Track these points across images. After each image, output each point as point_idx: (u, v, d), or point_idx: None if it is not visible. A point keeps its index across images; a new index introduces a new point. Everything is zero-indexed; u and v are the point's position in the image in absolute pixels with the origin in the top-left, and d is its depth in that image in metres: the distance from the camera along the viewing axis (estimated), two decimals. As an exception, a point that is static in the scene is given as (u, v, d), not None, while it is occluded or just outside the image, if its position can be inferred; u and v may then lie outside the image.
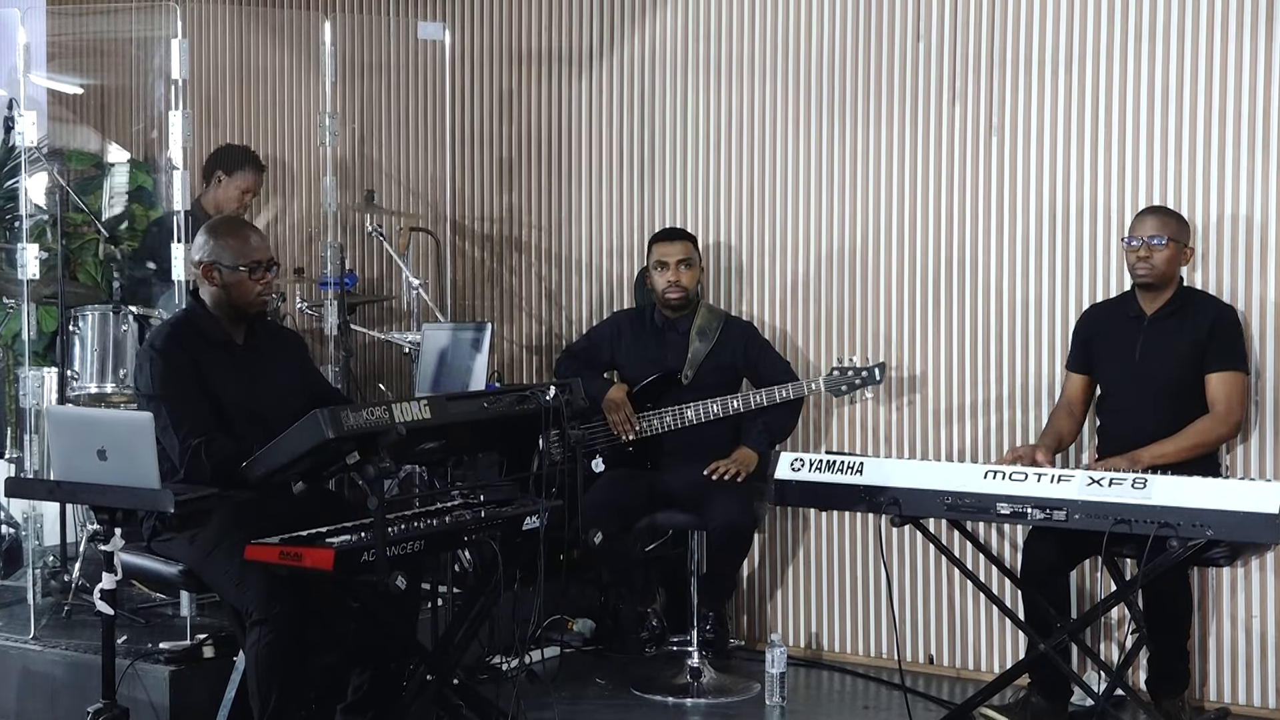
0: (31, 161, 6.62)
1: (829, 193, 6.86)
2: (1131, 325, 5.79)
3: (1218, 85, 6.05)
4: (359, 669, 5.26)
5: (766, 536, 7.00)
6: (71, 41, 8.17)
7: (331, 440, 4.54)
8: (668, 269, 6.62)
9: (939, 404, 6.63)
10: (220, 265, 5.30)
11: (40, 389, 6.47)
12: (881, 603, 6.73)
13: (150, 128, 8.28)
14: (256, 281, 5.32)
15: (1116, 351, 5.84)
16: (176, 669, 5.53)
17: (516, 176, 7.67)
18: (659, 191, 7.27)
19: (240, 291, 5.31)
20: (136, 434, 4.66)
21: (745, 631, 7.08)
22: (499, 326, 7.62)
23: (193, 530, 5.05)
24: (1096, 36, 6.27)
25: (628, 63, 7.34)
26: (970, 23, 6.52)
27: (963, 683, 6.48)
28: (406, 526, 4.80)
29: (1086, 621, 5.77)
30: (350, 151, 7.94)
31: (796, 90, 6.91)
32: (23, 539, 6.46)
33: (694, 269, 6.66)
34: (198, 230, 5.52)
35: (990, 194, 6.51)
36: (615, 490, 6.45)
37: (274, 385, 5.36)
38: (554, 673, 6.31)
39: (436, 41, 7.68)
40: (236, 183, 7.34)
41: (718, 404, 6.52)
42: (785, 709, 6.04)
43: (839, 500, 5.51)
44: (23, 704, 5.85)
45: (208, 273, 5.32)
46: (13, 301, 6.83)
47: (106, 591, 4.81)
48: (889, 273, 6.73)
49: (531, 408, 5.04)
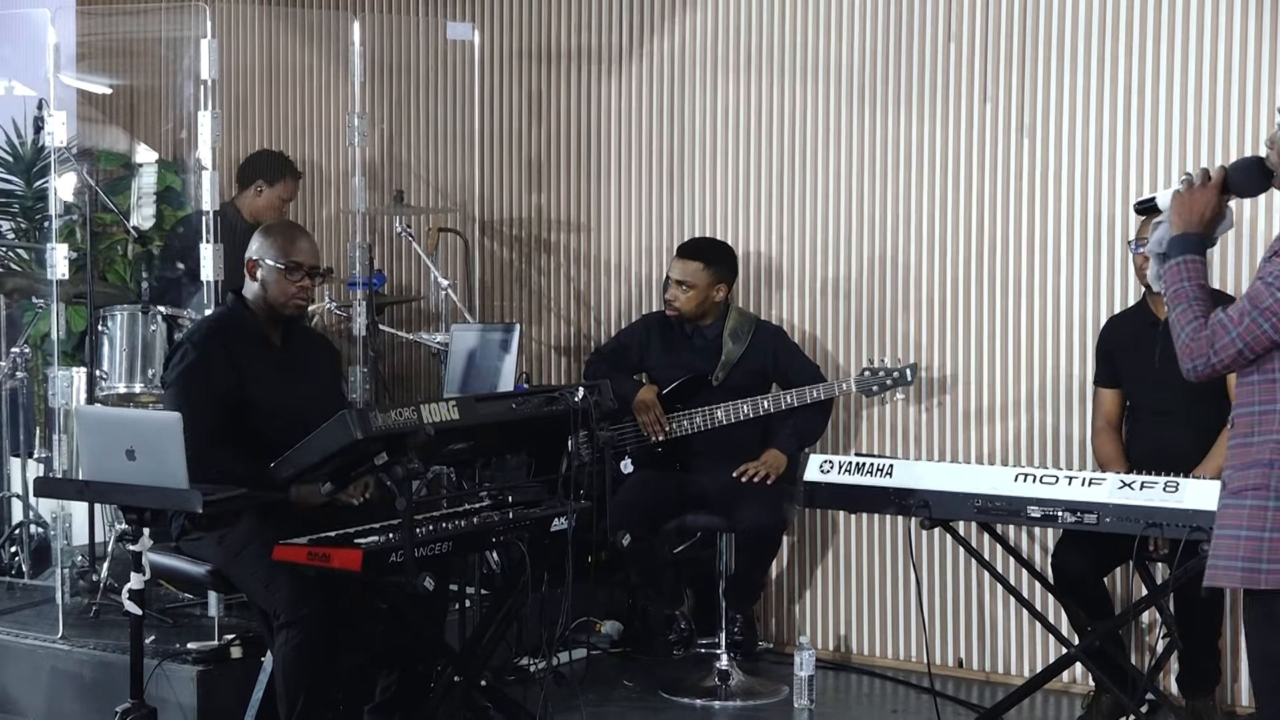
0: (61, 162, 6.64)
1: (859, 193, 6.83)
2: (1149, 333, 5.72)
3: (1251, 85, 6.01)
4: (386, 670, 5.26)
5: (795, 538, 6.98)
6: (101, 42, 8.19)
7: (360, 441, 4.54)
8: (674, 285, 6.62)
9: (969, 406, 6.60)
10: (263, 261, 5.35)
11: (69, 389, 6.48)
12: (911, 606, 6.71)
13: (179, 128, 8.28)
14: (292, 283, 5.34)
15: (1138, 360, 5.79)
16: (204, 669, 5.53)
17: (545, 177, 7.66)
18: (688, 193, 7.25)
19: (275, 290, 5.34)
20: (165, 434, 4.66)
21: (774, 634, 7.06)
22: (527, 327, 7.61)
23: (221, 530, 5.06)
24: (1129, 36, 6.24)
25: (657, 62, 7.32)
26: (1001, 22, 6.49)
27: (992, 687, 6.44)
28: (434, 527, 4.79)
29: (1117, 625, 5.73)
30: (379, 152, 7.94)
31: (826, 90, 6.89)
32: (51, 539, 6.47)
33: (697, 291, 6.58)
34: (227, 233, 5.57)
35: (1021, 195, 6.48)
36: (644, 492, 6.44)
37: (307, 388, 5.39)
38: (581, 675, 6.30)
39: (465, 41, 7.67)
40: (277, 191, 7.39)
41: (748, 404, 6.50)
42: (814, 712, 6.02)
43: (868, 503, 5.48)
44: (51, 703, 5.86)
45: (251, 267, 5.38)
46: (42, 301, 6.85)
47: (135, 591, 4.81)
48: (919, 274, 6.71)
49: (560, 409, 5.03)
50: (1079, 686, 6.26)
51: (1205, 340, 3.56)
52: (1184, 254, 3.66)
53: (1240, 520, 3.56)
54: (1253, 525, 3.54)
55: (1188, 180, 3.75)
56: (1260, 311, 3.52)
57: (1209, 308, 3.62)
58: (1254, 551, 3.52)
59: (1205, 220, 3.70)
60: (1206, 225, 3.71)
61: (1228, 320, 3.55)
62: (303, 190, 7.97)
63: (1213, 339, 3.55)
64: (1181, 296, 3.63)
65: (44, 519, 6.86)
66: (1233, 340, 3.54)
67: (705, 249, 6.69)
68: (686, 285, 6.58)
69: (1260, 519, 3.53)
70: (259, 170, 7.43)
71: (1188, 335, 3.59)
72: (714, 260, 6.62)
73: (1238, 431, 3.63)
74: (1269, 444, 3.55)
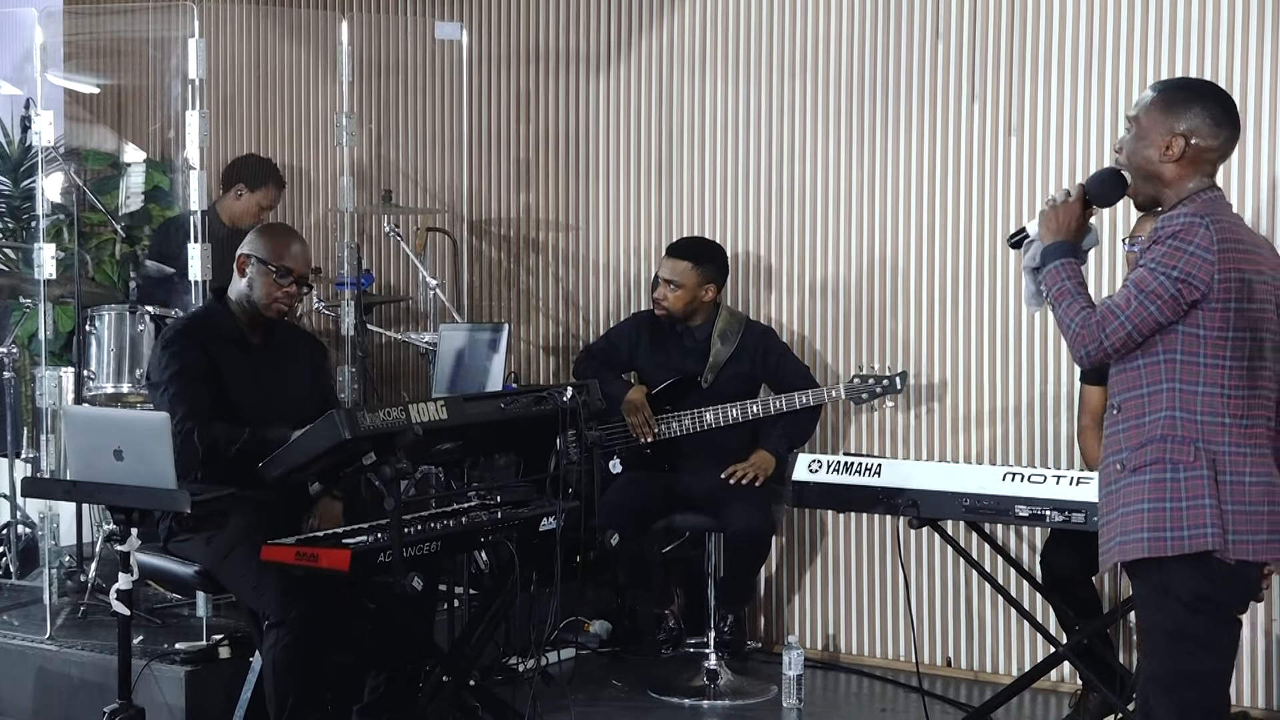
0: (48, 161, 6.63)
1: (847, 193, 6.84)
2: None
3: (1238, 84, 6.02)
4: (375, 670, 5.26)
5: (784, 538, 6.98)
6: (88, 41, 8.18)
7: (348, 441, 4.54)
8: (664, 284, 6.61)
9: (958, 409, 6.61)
10: (254, 258, 5.36)
11: (57, 389, 6.47)
12: (899, 605, 6.71)
13: (167, 127, 8.28)
14: (279, 287, 5.35)
15: None
16: (192, 670, 5.53)
17: (534, 177, 7.65)
18: (677, 192, 7.25)
19: (261, 290, 5.35)
20: (153, 434, 4.66)
21: (762, 633, 7.06)
22: (516, 327, 7.60)
23: (209, 531, 5.06)
24: (1116, 36, 6.25)
25: (645, 63, 7.33)
26: (990, 22, 6.50)
27: (980, 685, 6.45)
28: (423, 527, 4.79)
29: (1105, 624, 5.74)
30: (367, 152, 7.93)
31: (815, 90, 6.89)
32: (39, 539, 6.46)
33: (685, 290, 6.56)
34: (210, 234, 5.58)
35: (1009, 194, 6.48)
36: (632, 492, 6.44)
37: (286, 386, 5.39)
38: (570, 674, 6.29)
39: (454, 41, 7.67)
40: (257, 198, 7.35)
41: (737, 408, 6.50)
42: (802, 711, 6.01)
43: (857, 502, 5.49)
44: (39, 704, 5.86)
45: (242, 263, 5.39)
46: (30, 301, 6.84)
47: (123, 592, 4.81)
48: (908, 274, 6.71)
49: (549, 409, 5.04)
50: (1067, 686, 6.27)
51: (1095, 326, 3.76)
52: (1059, 258, 3.90)
53: (1142, 494, 3.77)
54: (1154, 497, 3.75)
55: (1052, 200, 4.00)
56: (1147, 295, 3.72)
57: (1091, 301, 3.82)
58: (1157, 521, 3.74)
59: (1072, 230, 3.94)
60: (1074, 235, 3.95)
61: (1115, 307, 3.75)
62: (290, 190, 7.96)
63: (1103, 324, 3.75)
64: (1065, 293, 3.85)
65: (31, 519, 6.85)
66: (1122, 324, 3.73)
67: (695, 248, 6.68)
68: (675, 284, 6.57)
69: (1160, 490, 3.75)
70: (242, 174, 7.41)
71: (1078, 324, 3.79)
72: (703, 260, 6.62)
73: (1128, 414, 3.83)
74: (1160, 421, 3.77)
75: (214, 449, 5.09)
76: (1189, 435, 3.74)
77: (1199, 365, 3.74)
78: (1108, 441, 3.90)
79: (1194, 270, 3.69)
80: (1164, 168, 3.87)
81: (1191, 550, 3.72)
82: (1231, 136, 3.89)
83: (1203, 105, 3.87)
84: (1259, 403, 3.81)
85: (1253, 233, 3.94)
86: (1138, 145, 3.91)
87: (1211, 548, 3.71)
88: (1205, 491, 3.72)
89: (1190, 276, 3.69)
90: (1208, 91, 3.95)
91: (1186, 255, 3.69)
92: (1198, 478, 3.72)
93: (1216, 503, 3.71)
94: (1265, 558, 3.80)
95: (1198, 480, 3.72)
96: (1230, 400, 3.75)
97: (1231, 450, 3.75)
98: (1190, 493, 3.73)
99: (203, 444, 5.08)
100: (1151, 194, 3.94)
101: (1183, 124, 3.84)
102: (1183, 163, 3.85)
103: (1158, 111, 3.89)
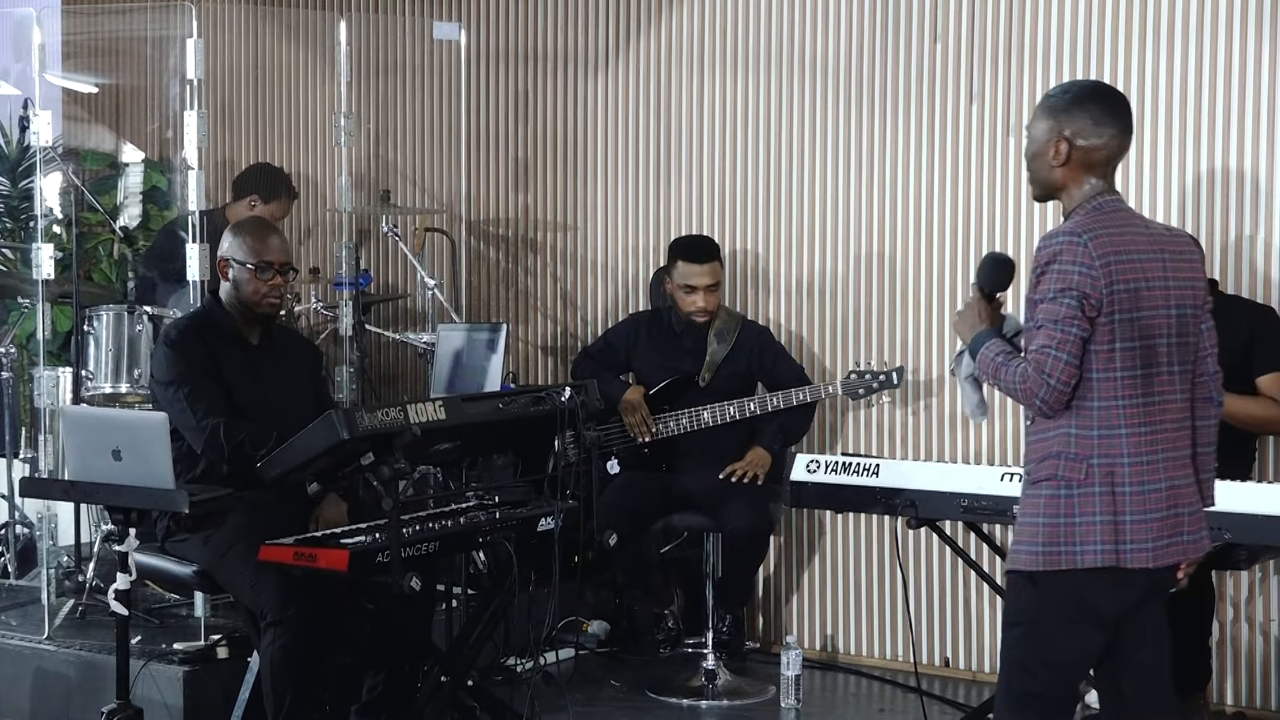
0: (46, 161, 6.63)
1: (845, 193, 6.84)
2: None
3: (1236, 82, 6.02)
4: (373, 670, 5.26)
5: (782, 538, 6.98)
6: (86, 41, 8.18)
7: (346, 441, 4.54)
8: (696, 292, 6.55)
9: (955, 407, 6.60)
10: (234, 260, 5.36)
11: (55, 389, 6.47)
12: (898, 605, 6.71)
13: (165, 127, 8.29)
14: (264, 282, 5.35)
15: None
16: (191, 669, 5.52)
17: (532, 177, 7.65)
18: (675, 192, 7.25)
19: (248, 290, 5.35)
20: (151, 434, 4.66)
21: (761, 634, 7.06)
22: (514, 327, 7.60)
23: (207, 531, 5.05)
24: (1114, 34, 6.25)
25: (643, 63, 7.32)
26: (987, 21, 6.50)
27: (978, 686, 6.45)
28: (421, 528, 4.79)
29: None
30: (365, 152, 7.93)
31: (813, 90, 6.89)
32: (37, 539, 6.45)
33: (719, 289, 6.64)
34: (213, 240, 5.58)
35: (1007, 194, 6.48)
36: (630, 492, 6.44)
37: (285, 387, 5.39)
38: (569, 674, 6.28)
39: (452, 41, 7.67)
40: (270, 209, 7.30)
41: (734, 406, 6.50)
42: (800, 711, 6.02)
43: (855, 502, 5.49)
44: (36, 704, 5.85)
45: (223, 267, 5.39)
46: (28, 301, 6.83)
47: (121, 592, 4.81)
48: (905, 273, 6.71)
49: (547, 409, 5.04)
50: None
51: (1035, 373, 3.77)
52: (984, 343, 3.97)
53: (1038, 508, 3.84)
54: (1049, 512, 3.81)
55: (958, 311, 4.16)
56: (1062, 321, 3.74)
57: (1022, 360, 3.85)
58: (1052, 536, 3.80)
59: (985, 320, 4.02)
60: (991, 325, 4.01)
61: (1042, 348, 3.77)
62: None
63: (1040, 367, 3.76)
64: (997, 365, 3.91)
65: (29, 519, 6.84)
66: (1056, 358, 3.75)
67: (715, 247, 6.70)
68: (714, 286, 6.59)
69: (1055, 506, 3.81)
70: (256, 184, 7.39)
71: (1019, 380, 3.81)
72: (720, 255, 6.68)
73: (1037, 425, 3.91)
74: (1057, 437, 3.82)
75: (240, 450, 5.08)
76: (1083, 452, 3.79)
77: (1092, 380, 3.78)
78: (1025, 449, 3.99)
79: (1086, 286, 3.72)
80: (1055, 173, 3.91)
81: (1083, 566, 3.78)
82: (1117, 134, 3.90)
83: (1082, 106, 3.89)
84: (1158, 408, 3.83)
85: (1147, 234, 3.90)
86: (1031, 155, 3.97)
87: (1101, 564, 3.77)
88: (1098, 509, 3.77)
89: (1086, 292, 3.72)
90: (1089, 92, 3.96)
91: (1075, 274, 3.73)
92: (1089, 495, 3.77)
93: (1111, 518, 3.77)
94: (1164, 562, 3.85)
95: (1089, 498, 3.78)
96: (1127, 410, 3.79)
97: (1131, 461, 3.79)
98: (1083, 509, 3.78)
99: (229, 442, 5.08)
100: (1053, 199, 3.99)
101: (1066, 127, 3.88)
102: (1071, 166, 3.88)
103: (1042, 118, 3.94)
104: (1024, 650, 3.90)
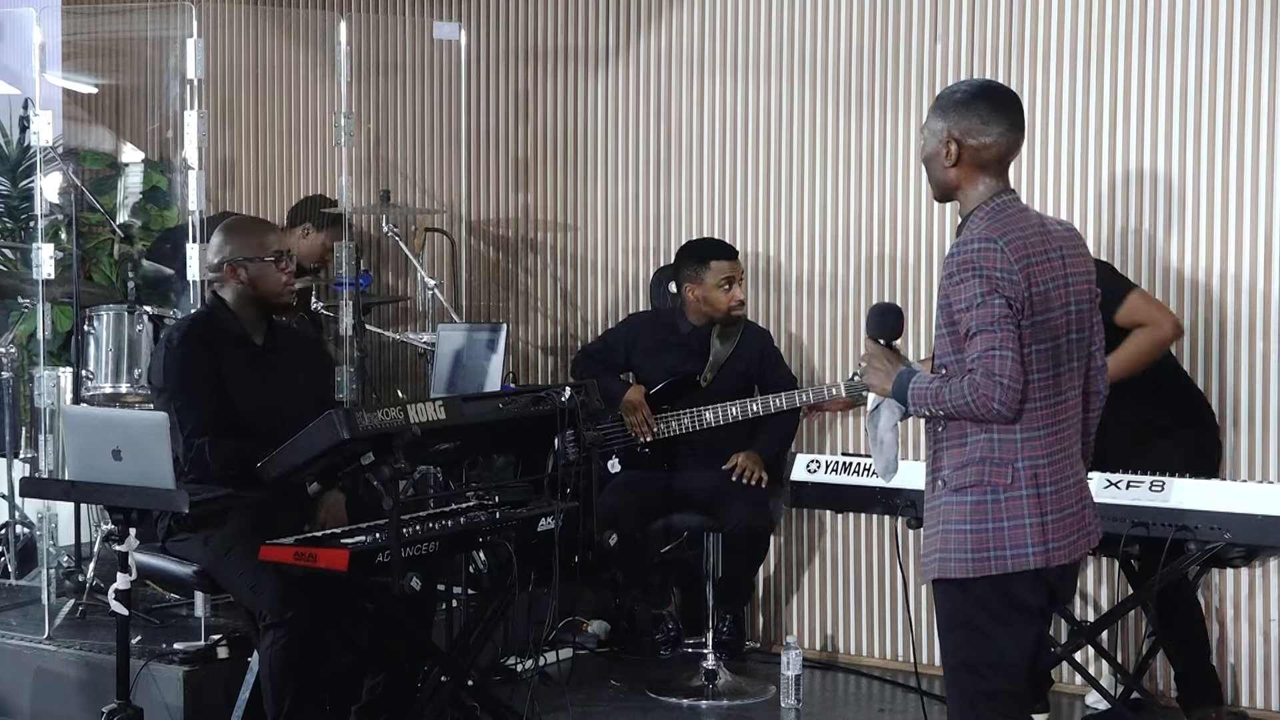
0: (46, 161, 6.62)
1: (844, 194, 6.84)
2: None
3: (1236, 82, 6.02)
4: (373, 670, 5.26)
5: (782, 538, 6.98)
6: (86, 41, 8.18)
7: (347, 441, 4.53)
8: (735, 285, 6.59)
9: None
10: (245, 260, 5.34)
11: (55, 389, 6.47)
12: (898, 605, 6.71)
13: (165, 127, 8.29)
14: (282, 271, 5.36)
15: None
16: (191, 669, 5.52)
17: (532, 177, 7.65)
18: (675, 192, 7.25)
19: (268, 283, 5.35)
20: (151, 434, 4.66)
21: (761, 633, 7.06)
22: (514, 327, 7.60)
23: (208, 531, 5.05)
24: (1115, 34, 6.25)
25: (644, 63, 7.32)
26: (986, 23, 6.49)
27: (979, 686, 6.44)
28: (421, 528, 4.79)
29: (1103, 625, 5.74)
30: (365, 152, 7.93)
31: (813, 91, 6.89)
32: (37, 539, 6.46)
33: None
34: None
35: (1007, 195, 6.47)
36: (630, 492, 6.44)
37: (290, 387, 5.38)
38: (568, 674, 6.30)
39: (452, 41, 7.67)
40: (323, 237, 7.36)
41: (736, 407, 6.50)
42: (800, 711, 6.02)
43: (855, 502, 5.50)
44: (37, 704, 5.85)
45: (233, 271, 5.35)
46: (28, 301, 6.84)
47: (121, 592, 4.81)
48: (904, 274, 6.71)
49: (547, 409, 5.03)
50: (1067, 686, 6.26)
51: (984, 379, 3.70)
52: (908, 385, 3.90)
53: (964, 515, 3.82)
54: (976, 519, 3.81)
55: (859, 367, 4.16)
56: (997, 321, 3.70)
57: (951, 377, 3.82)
58: (980, 542, 3.80)
59: (896, 367, 3.97)
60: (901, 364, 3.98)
61: (984, 352, 3.71)
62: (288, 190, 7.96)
63: (989, 371, 3.70)
64: (936, 392, 3.81)
65: (30, 519, 6.85)
66: (1002, 356, 3.69)
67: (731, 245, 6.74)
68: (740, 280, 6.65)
69: (982, 512, 3.81)
70: (310, 214, 7.44)
71: (968, 391, 3.72)
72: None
73: (951, 433, 3.89)
74: (980, 443, 3.81)
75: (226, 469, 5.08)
76: (1007, 456, 3.79)
77: None
78: (931, 457, 3.96)
79: (1009, 290, 3.71)
80: (949, 174, 3.91)
81: (1014, 570, 3.79)
82: (1006, 131, 3.89)
83: (970, 106, 3.88)
84: (1064, 406, 3.86)
85: (1044, 232, 3.89)
86: (926, 157, 3.97)
87: (1033, 566, 3.78)
88: (1025, 511, 3.78)
89: (1009, 296, 3.71)
90: (976, 91, 3.95)
91: (996, 279, 3.71)
92: (1016, 498, 3.79)
93: (1039, 519, 3.79)
94: (1076, 556, 3.91)
95: (1016, 501, 3.79)
96: (1043, 411, 3.80)
97: (1048, 461, 3.81)
98: (1011, 513, 3.78)
99: (215, 461, 5.09)
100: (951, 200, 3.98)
101: (955, 127, 3.87)
102: (963, 165, 3.88)
103: (932, 120, 3.94)
104: (966, 653, 3.91)
